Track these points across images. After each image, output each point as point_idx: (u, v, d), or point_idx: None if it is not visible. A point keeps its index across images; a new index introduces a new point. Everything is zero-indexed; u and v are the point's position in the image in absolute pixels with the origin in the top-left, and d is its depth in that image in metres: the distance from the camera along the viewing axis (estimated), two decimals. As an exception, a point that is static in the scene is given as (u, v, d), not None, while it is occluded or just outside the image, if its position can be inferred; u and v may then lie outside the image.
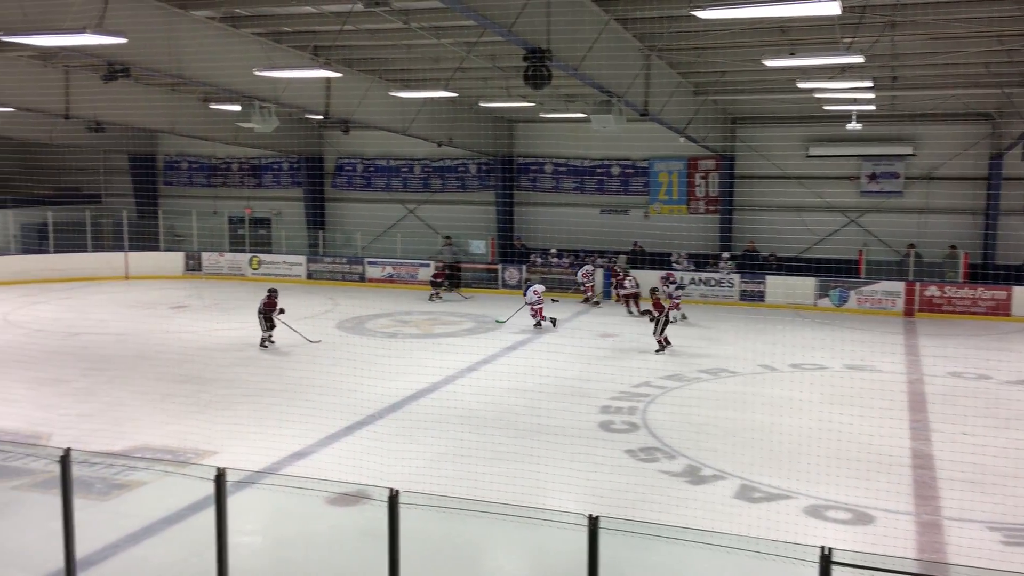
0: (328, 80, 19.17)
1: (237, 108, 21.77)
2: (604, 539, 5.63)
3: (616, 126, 16.95)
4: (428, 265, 28.02)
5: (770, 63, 14.62)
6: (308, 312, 23.10)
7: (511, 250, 28.26)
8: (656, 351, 18.18)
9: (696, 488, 10.74)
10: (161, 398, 14.75)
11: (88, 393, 15.15)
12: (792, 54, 14.72)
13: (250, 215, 32.23)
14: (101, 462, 10.71)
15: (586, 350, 18.21)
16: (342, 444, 12.38)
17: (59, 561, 8.03)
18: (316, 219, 31.25)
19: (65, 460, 5.47)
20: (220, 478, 5.27)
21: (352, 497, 9.89)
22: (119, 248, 30.26)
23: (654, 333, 18.32)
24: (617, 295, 24.52)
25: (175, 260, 30.27)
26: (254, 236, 31.96)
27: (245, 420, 13.26)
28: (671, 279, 22.58)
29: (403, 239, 29.73)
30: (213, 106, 24.32)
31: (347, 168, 31.60)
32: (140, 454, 11.69)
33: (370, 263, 28.87)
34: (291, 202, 32.33)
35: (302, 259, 29.62)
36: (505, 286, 27.18)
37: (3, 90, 19.57)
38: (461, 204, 30.22)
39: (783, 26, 14.79)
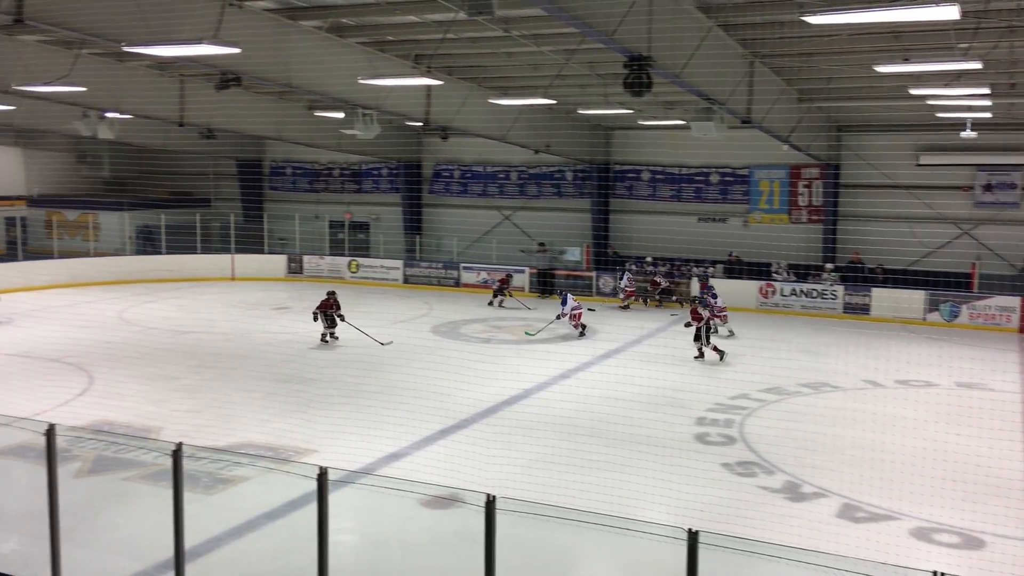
0: (429, 88, 19.46)
1: (341, 115, 22.29)
2: (701, 554, 5.51)
3: (717, 133, 16.68)
4: (523, 271, 28.13)
5: (882, 69, 14.13)
6: (404, 316, 23.48)
7: (605, 258, 28.11)
8: (695, 357, 18.20)
9: (796, 505, 10.44)
10: (264, 396, 15.19)
11: (196, 390, 15.72)
12: (905, 60, 14.20)
13: (350, 219, 32.99)
14: (207, 457, 11.07)
15: (682, 360, 17.95)
16: (436, 447, 12.50)
17: (167, 551, 8.34)
18: (413, 224, 31.76)
19: (177, 454, 5.67)
20: (322, 477, 5.38)
21: (446, 500, 9.97)
22: (226, 250, 31.36)
23: (694, 341, 18.29)
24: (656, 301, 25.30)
25: (278, 262, 31.19)
26: (353, 240, 32.69)
27: (343, 420, 13.53)
28: (713, 291, 21.95)
29: (498, 245, 29.92)
30: (318, 113, 24.99)
31: (445, 174, 32.00)
32: (244, 450, 12.04)
33: (465, 268, 29.14)
34: (389, 207, 32.92)
35: (399, 263, 30.11)
36: (599, 294, 27.05)
37: (124, 98, 20.54)
38: (557, 211, 30.24)
39: (896, 31, 14.29)
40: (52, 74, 16.54)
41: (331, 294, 20.14)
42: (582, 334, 20.86)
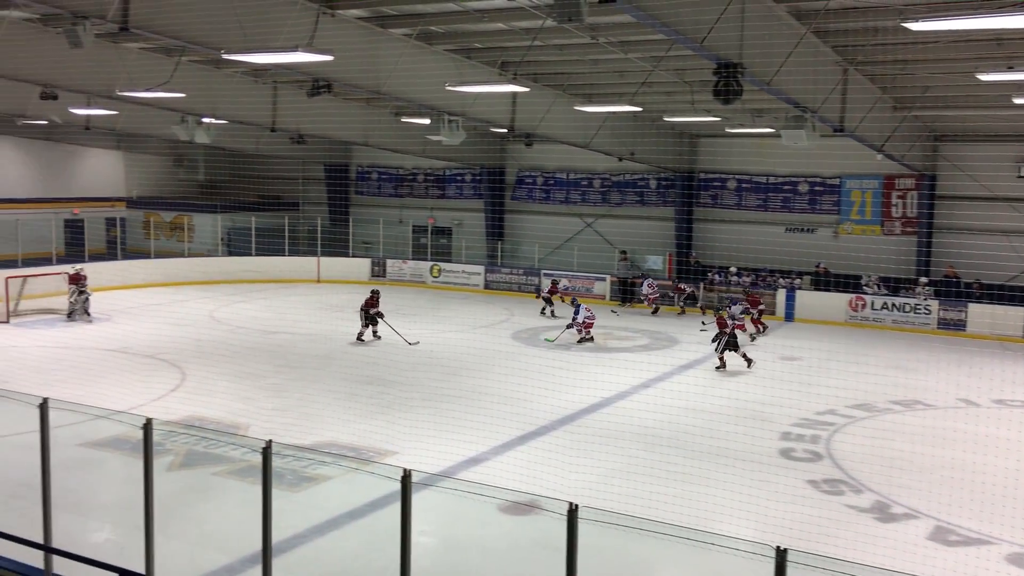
0: (514, 94, 19.55)
1: (427, 121, 22.58)
2: (789, 572, 5.37)
3: (808, 142, 16.30)
4: (604, 279, 28.00)
5: (985, 77, 13.62)
6: (485, 321, 23.60)
7: (687, 267, 27.76)
8: (716, 367, 18.14)
9: (886, 526, 10.10)
10: (347, 397, 15.44)
11: (281, 389, 16.09)
12: (1010, 68, 13.65)
13: (433, 224, 33.36)
14: (292, 455, 11.30)
15: (767, 372, 17.58)
16: (515, 453, 12.51)
17: (253, 546, 8.53)
18: (495, 230, 31.93)
19: (267, 451, 5.80)
20: (406, 479, 5.43)
21: (525, 507, 9.96)
22: (312, 253, 32.07)
23: (716, 350, 18.29)
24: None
25: (362, 266, 31.73)
26: (436, 245, 33.05)
27: (423, 423, 13.66)
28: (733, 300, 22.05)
29: (580, 252, 29.85)
30: (404, 119, 25.36)
31: (528, 180, 32.10)
32: (327, 450, 12.26)
33: (546, 275, 29.15)
34: (472, 213, 33.18)
35: (480, 269, 30.30)
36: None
37: (220, 104, 21.21)
38: (640, 219, 29.99)
39: (999, 38, 13.75)
40: (154, 80, 17.19)
41: (375, 293, 20.88)
42: (584, 339, 20.80)
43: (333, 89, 16.31)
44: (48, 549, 6.56)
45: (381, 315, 20.42)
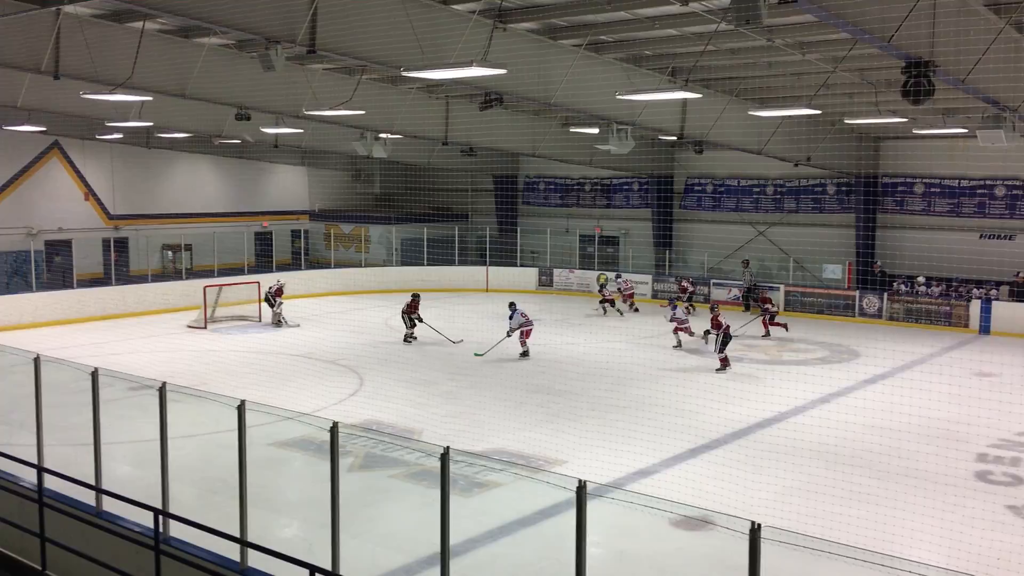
0: (685, 101, 19.24)
1: (595, 131, 22.59)
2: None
3: (1007, 143, 15.12)
4: (778, 288, 27.07)
5: None
6: (652, 331, 23.30)
7: (870, 276, 26.35)
8: (717, 370, 18.16)
9: (1101, 562, 9.17)
10: (515, 406, 15.63)
11: (453, 396, 16.49)
12: None
13: (599, 233, 33.31)
14: (465, 460, 11.52)
15: (958, 389, 16.38)
16: (685, 467, 12.26)
17: (428, 547, 8.76)
18: (663, 239, 31.50)
19: (445, 458, 5.93)
20: (581, 490, 5.40)
21: (697, 522, 9.73)
22: (481, 262, 32.74)
23: (714, 351, 18.47)
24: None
25: (530, 275, 32.09)
26: (602, 254, 32.98)
27: (591, 433, 13.62)
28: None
29: (752, 261, 28.97)
30: (573, 130, 25.48)
31: (697, 188, 31.49)
32: (496, 457, 12.44)
33: (716, 284, 28.47)
34: (639, 222, 32.89)
35: (648, 278, 29.97)
36: (862, 314, 25.42)
37: (396, 119, 22.06)
38: (817, 227, 28.75)
39: None
40: (336, 99, 18.08)
41: (416, 297, 21.99)
42: (524, 354, 19.82)
43: (504, 101, 16.59)
44: (244, 543, 6.97)
45: (421, 318, 21.63)
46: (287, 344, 21.57)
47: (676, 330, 21.01)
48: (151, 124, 23.22)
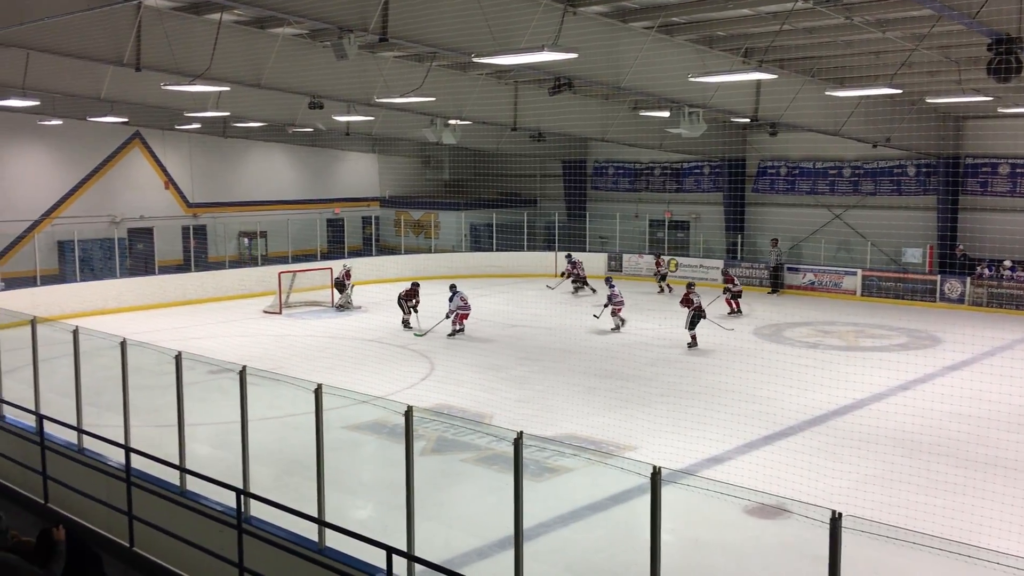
0: (758, 83, 18.86)
1: (666, 114, 22.29)
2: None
3: (1101, 120, 14.47)
4: (855, 273, 26.46)
5: None
6: (724, 316, 22.98)
7: (952, 260, 25.53)
8: (688, 345, 19.06)
9: None
10: (586, 391, 15.61)
11: (523, 380, 16.54)
12: None
13: (669, 218, 32.95)
14: (536, 445, 11.56)
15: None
16: (759, 454, 12.09)
17: (500, 531, 8.84)
18: (735, 223, 30.99)
19: (518, 442, 5.95)
20: (656, 476, 5.36)
21: (773, 510, 9.60)
22: (550, 248, 32.70)
23: (685, 327, 19.24)
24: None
25: (599, 260, 31.92)
26: (672, 239, 32.62)
27: (662, 419, 13.53)
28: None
29: (827, 246, 28.33)
30: (643, 113, 25.20)
31: (770, 171, 30.87)
32: (567, 442, 12.45)
33: (790, 269, 27.92)
34: (710, 206, 32.42)
35: (719, 263, 29.56)
36: (944, 299, 24.66)
37: (465, 105, 22.12)
38: (896, 209, 27.93)
39: None
40: (407, 86, 18.22)
41: (416, 286, 22.21)
42: (455, 333, 20.67)
43: (574, 86, 16.49)
44: (322, 523, 7.12)
45: (415, 308, 21.80)
46: (359, 329, 21.90)
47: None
48: (228, 114, 23.73)
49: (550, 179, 37.31)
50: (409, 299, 21.94)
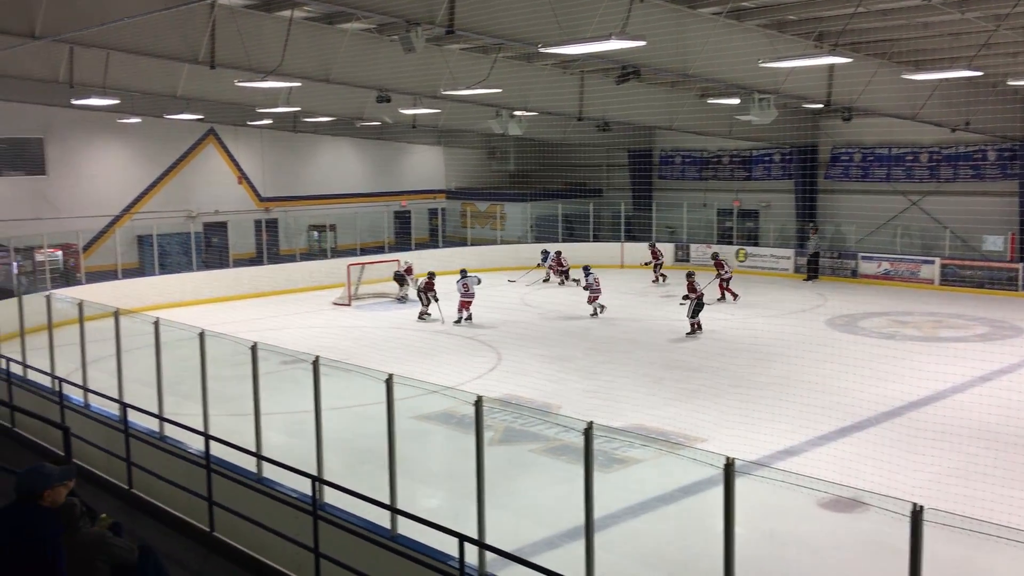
0: (831, 67, 18.42)
1: (735, 101, 21.96)
2: None
3: None
4: (933, 262, 25.72)
5: None
6: (796, 307, 22.59)
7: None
8: (687, 333, 19.12)
9: None
10: (653, 381, 15.51)
11: (589, 371, 16.50)
12: None
13: (738, 207, 32.45)
14: (605, 436, 11.51)
15: None
16: (834, 446, 11.87)
17: (569, 521, 8.83)
18: (807, 211, 30.36)
19: (588, 432, 5.95)
20: (729, 468, 5.31)
21: (849, 503, 9.40)
22: (616, 238, 32.51)
23: (687, 315, 19.24)
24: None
25: (665, 251, 31.57)
26: (741, 228, 32.12)
27: (732, 410, 13.37)
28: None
29: (903, 233, 27.57)
30: (711, 101, 24.85)
31: (843, 158, 30.14)
32: (635, 433, 12.38)
33: (864, 258, 27.27)
34: (781, 194, 31.81)
35: (790, 252, 29.03)
36: (1026, 289, 23.83)
37: (531, 96, 22.11)
38: (976, 195, 27.02)
39: None
40: (473, 79, 18.29)
41: (431, 275, 22.38)
42: (462, 320, 21.21)
43: (640, 74, 16.35)
44: (394, 510, 7.22)
45: (435, 298, 21.95)
46: (426, 321, 22.09)
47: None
48: (298, 109, 24.15)
49: (616, 169, 37.07)
50: (428, 290, 22.15)
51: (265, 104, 22.48)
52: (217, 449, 8.87)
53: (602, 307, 21.97)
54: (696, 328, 19.36)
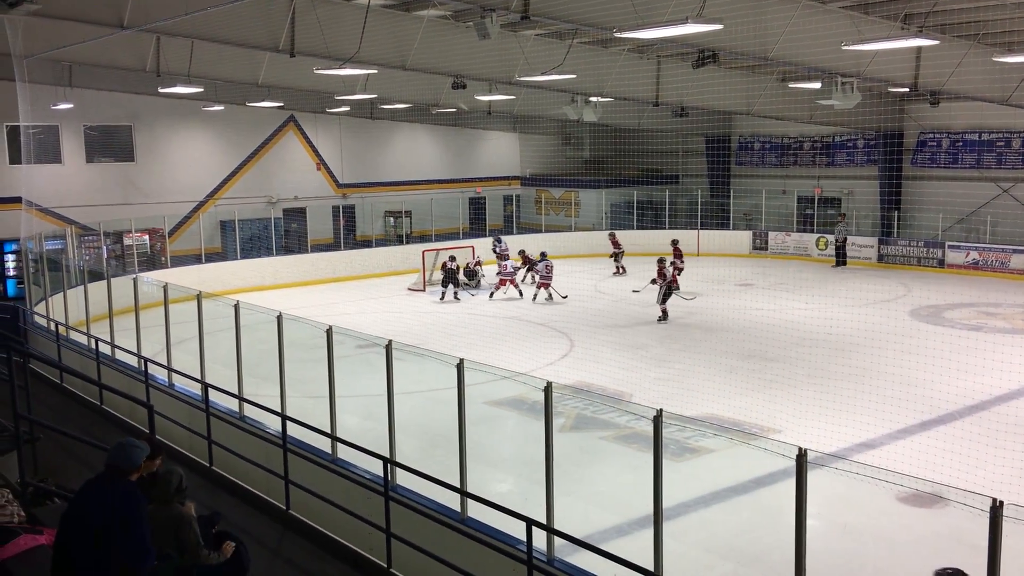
0: (918, 49, 17.82)
1: (816, 85, 21.40)
2: None
3: None
4: (1023, 251, 24.72)
5: None
6: (878, 297, 21.99)
7: None
8: (658, 319, 19.58)
9: None
10: (727, 371, 15.30)
11: (662, 360, 16.37)
12: None
13: (819, 195, 31.68)
14: (676, 425, 11.42)
15: None
16: (915, 440, 11.55)
17: (638, 510, 8.80)
18: (891, 199, 29.45)
19: (657, 420, 5.91)
20: (801, 458, 5.22)
21: (928, 497, 9.16)
22: (692, 226, 32.08)
23: (657, 301, 19.79)
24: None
25: (742, 239, 31.11)
26: (822, 216, 31.36)
27: (808, 402, 13.09)
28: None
29: (993, 222, 26.54)
30: (791, 85, 24.28)
31: (930, 143, 29.14)
32: (709, 422, 12.24)
33: (951, 247, 26.36)
34: (863, 181, 30.93)
35: (873, 240, 28.25)
36: None
37: (606, 82, 21.93)
38: (1070, 182, 25.88)
39: None
40: (548, 64, 18.23)
41: (452, 259, 23.47)
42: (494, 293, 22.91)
43: (718, 59, 16.07)
44: (464, 493, 7.31)
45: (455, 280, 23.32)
46: (499, 307, 22.21)
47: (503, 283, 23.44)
48: (375, 96, 24.45)
49: (692, 155, 36.55)
50: (450, 275, 23.27)
51: (343, 91, 22.81)
52: (294, 430, 9.09)
53: (550, 295, 22.49)
54: (664, 315, 19.78)
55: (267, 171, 32.79)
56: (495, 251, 27.40)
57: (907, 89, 20.77)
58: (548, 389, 6.69)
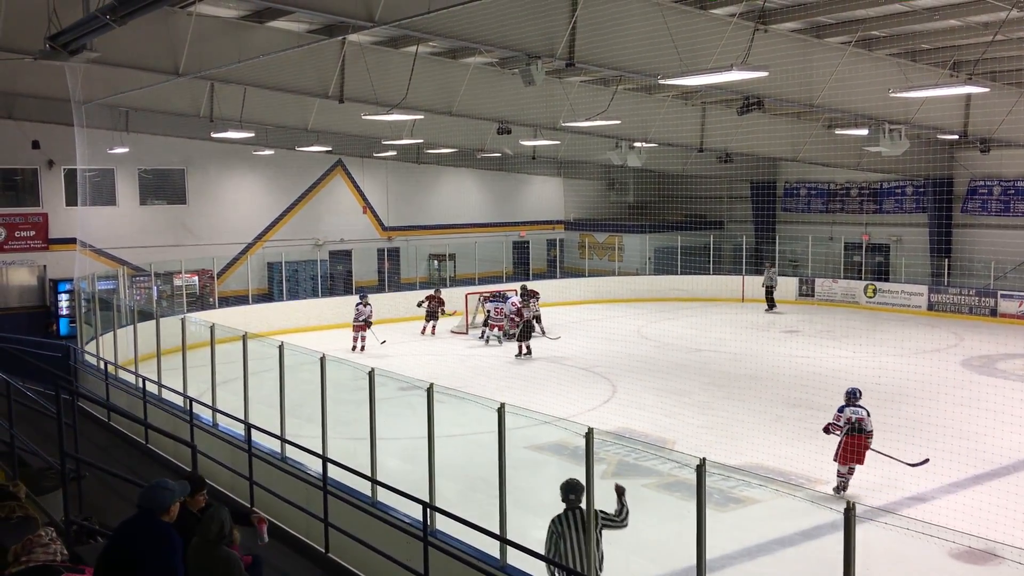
0: (968, 97, 17.64)
1: (864, 132, 21.24)
2: None
3: None
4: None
5: None
6: (929, 346, 21.54)
7: None
8: (516, 356, 21.07)
9: None
10: (773, 420, 15.03)
11: (706, 407, 16.14)
12: None
13: (867, 241, 31.26)
14: (720, 473, 11.24)
15: None
16: (968, 494, 11.21)
17: (682, 560, 8.62)
18: (941, 246, 28.95)
19: (701, 468, 5.82)
20: (849, 512, 5.08)
21: (982, 554, 8.85)
22: (737, 272, 31.83)
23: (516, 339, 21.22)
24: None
25: (789, 285, 30.74)
26: (870, 263, 30.91)
27: (858, 453, 12.76)
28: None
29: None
30: (838, 131, 24.14)
31: (981, 191, 28.66)
32: (754, 471, 12.01)
33: (1004, 296, 25.77)
34: (913, 228, 30.48)
35: (923, 288, 27.73)
36: None
37: (651, 128, 22.02)
38: None
39: None
40: (592, 110, 18.36)
41: (437, 290, 24.79)
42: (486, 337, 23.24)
43: (764, 105, 16.05)
44: (504, 540, 7.23)
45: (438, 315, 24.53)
46: (542, 351, 22.13)
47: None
48: (421, 141, 24.79)
49: (738, 201, 36.36)
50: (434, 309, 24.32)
51: (390, 136, 23.18)
52: (334, 472, 9.09)
53: (499, 338, 23.20)
54: (524, 351, 21.11)
55: (314, 214, 33.30)
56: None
57: (957, 136, 20.54)
58: (590, 435, 6.63)
